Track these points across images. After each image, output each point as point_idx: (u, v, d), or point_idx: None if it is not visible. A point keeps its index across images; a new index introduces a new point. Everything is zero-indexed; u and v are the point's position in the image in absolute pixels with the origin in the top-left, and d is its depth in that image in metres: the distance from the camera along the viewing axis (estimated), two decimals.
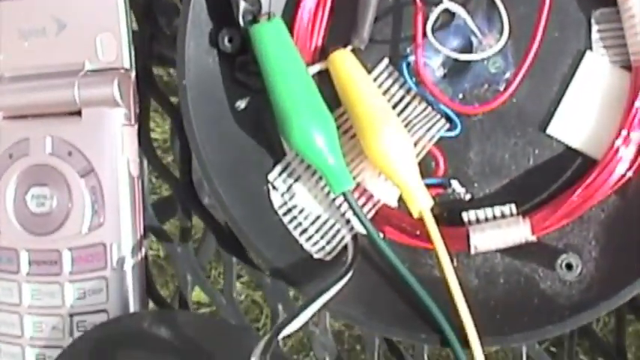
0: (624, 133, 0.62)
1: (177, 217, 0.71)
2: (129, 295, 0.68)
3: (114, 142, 0.67)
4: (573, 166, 0.64)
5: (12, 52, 0.70)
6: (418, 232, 0.63)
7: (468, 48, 0.65)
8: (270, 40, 0.63)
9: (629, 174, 0.62)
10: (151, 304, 0.70)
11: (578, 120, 0.64)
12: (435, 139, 0.64)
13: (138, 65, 0.69)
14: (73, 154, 0.68)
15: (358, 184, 0.64)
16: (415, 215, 0.61)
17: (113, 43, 0.68)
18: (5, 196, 0.69)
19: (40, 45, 0.69)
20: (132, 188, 0.68)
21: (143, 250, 0.68)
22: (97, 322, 0.67)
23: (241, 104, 0.65)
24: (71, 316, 0.68)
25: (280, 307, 0.69)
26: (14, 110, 0.69)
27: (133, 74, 0.68)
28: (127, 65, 0.68)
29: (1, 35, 0.70)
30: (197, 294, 0.72)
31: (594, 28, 0.64)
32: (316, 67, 0.65)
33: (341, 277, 0.61)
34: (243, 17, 0.63)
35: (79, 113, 0.68)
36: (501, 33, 0.63)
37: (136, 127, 0.68)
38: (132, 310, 0.68)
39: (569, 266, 0.62)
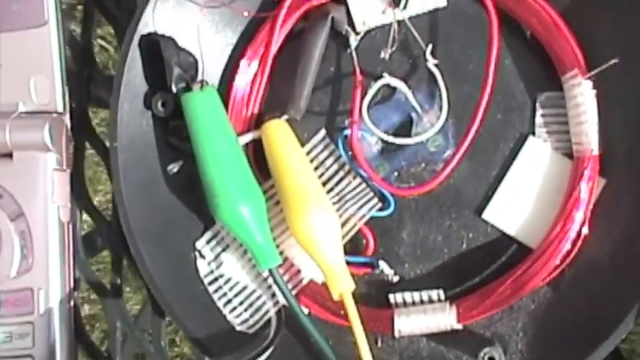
0: (561, 223, 0.60)
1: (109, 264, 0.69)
2: (56, 341, 0.67)
3: (44, 186, 0.66)
4: (507, 254, 0.63)
5: None
6: (342, 312, 0.62)
7: (408, 123, 0.63)
8: (201, 109, 0.61)
9: (563, 266, 0.60)
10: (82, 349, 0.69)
11: (516, 206, 0.63)
12: (366, 218, 0.63)
13: (73, 107, 0.67)
14: (4, 197, 0.66)
15: (287, 259, 0.62)
16: (335, 297, 0.60)
17: (47, 85, 0.66)
18: None
19: None
20: (62, 234, 0.67)
21: (73, 296, 0.67)
22: None
23: (174, 168, 0.63)
24: None
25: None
26: None
27: (67, 118, 0.67)
28: (60, 109, 0.66)
29: None
30: None
31: (538, 112, 0.63)
32: (248, 137, 0.63)
33: (263, 351, 0.61)
34: (176, 83, 0.61)
35: (10, 155, 0.66)
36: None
37: (68, 171, 0.67)
38: (58, 355, 0.67)
39: (491, 359, 0.61)
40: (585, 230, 0.60)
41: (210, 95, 0.62)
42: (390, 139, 0.61)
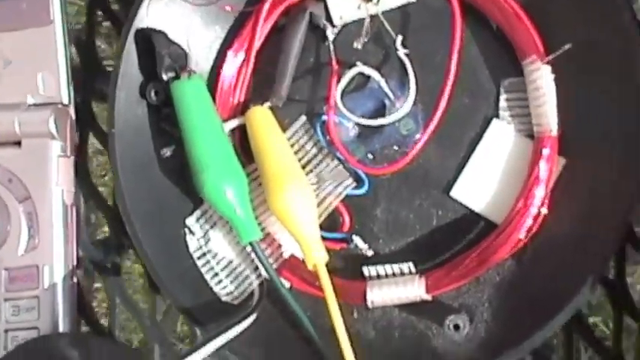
0: (523, 200, 0.64)
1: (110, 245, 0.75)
2: (59, 314, 0.72)
3: (50, 171, 0.72)
4: (475, 230, 0.67)
5: None
6: (317, 284, 0.66)
7: (381, 110, 0.68)
8: (188, 95, 0.67)
9: (526, 240, 0.65)
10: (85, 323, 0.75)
11: (482, 185, 0.67)
12: (341, 197, 0.67)
13: (78, 100, 0.73)
14: (13, 182, 0.72)
15: (269, 235, 0.67)
16: (310, 267, 0.65)
17: (53, 80, 0.72)
18: None
19: None
20: (65, 215, 0.72)
21: (76, 273, 0.73)
22: (29, 338, 0.71)
23: (167, 152, 0.69)
24: (6, 331, 0.73)
25: (197, 331, 0.73)
26: None
27: (72, 109, 0.73)
28: (65, 101, 0.72)
29: None
30: None
31: (502, 96, 0.67)
32: (234, 123, 0.68)
33: (243, 319, 0.65)
34: (166, 72, 0.67)
35: (19, 144, 0.72)
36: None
37: (72, 158, 0.73)
38: (61, 327, 0.72)
39: (456, 327, 0.65)
40: (544, 209, 0.65)
41: (196, 83, 0.67)
42: (363, 121, 0.66)
